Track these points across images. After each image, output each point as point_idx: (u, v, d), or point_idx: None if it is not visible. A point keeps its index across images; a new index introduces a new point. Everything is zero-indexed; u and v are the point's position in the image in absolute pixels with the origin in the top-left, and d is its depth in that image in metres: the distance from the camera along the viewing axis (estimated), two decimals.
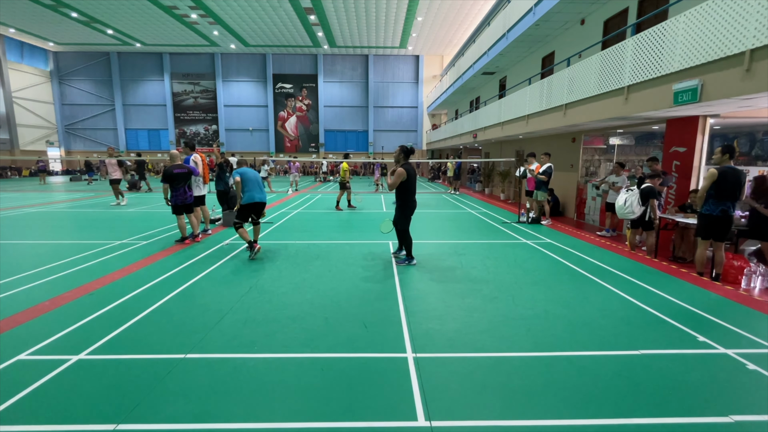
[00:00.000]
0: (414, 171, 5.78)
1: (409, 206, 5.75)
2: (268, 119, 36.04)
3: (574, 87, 9.07)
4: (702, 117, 6.87)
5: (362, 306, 4.28)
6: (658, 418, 2.44)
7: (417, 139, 36.57)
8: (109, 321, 3.80)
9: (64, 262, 5.87)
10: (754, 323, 3.89)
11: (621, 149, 9.98)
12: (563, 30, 12.49)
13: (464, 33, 28.28)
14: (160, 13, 25.36)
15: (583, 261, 6.24)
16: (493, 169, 18.97)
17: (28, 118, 32.18)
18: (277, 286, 4.89)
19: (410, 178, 5.63)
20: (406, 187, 5.67)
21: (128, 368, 2.98)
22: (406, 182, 5.63)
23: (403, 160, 5.73)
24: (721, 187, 5.11)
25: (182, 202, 6.99)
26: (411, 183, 5.67)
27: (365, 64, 35.37)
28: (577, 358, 3.18)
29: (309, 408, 2.53)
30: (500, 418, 2.45)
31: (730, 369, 3.04)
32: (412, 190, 5.73)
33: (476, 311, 4.17)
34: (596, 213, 10.00)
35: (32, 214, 10.71)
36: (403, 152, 5.73)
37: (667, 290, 4.85)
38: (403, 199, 5.74)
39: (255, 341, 3.42)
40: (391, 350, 3.29)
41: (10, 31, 28.93)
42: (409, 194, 5.72)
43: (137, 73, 35.15)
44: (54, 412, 2.47)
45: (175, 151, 7.17)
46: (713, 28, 5.31)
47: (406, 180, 5.61)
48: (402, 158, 5.73)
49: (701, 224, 5.41)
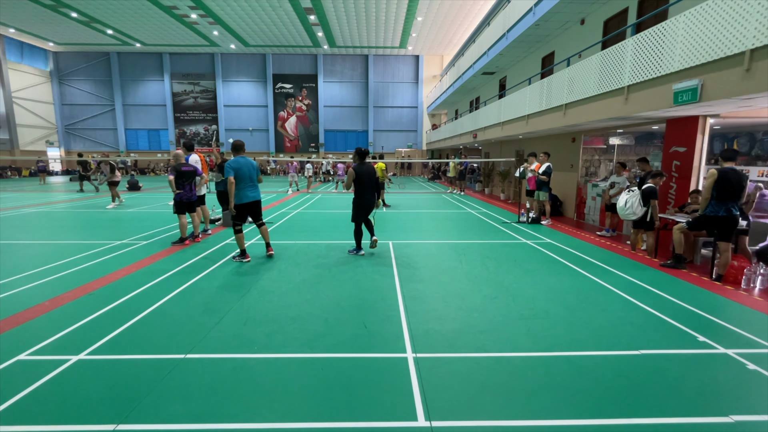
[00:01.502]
0: (367, 172, 6.25)
1: (360, 203, 6.29)
2: (268, 119, 36.03)
3: (574, 87, 9.07)
4: (702, 117, 6.86)
5: (362, 306, 4.28)
6: (658, 418, 2.44)
7: (417, 139, 36.56)
8: (109, 321, 3.80)
9: (64, 262, 5.87)
10: (754, 323, 3.89)
11: (621, 149, 9.98)
12: (563, 30, 12.49)
13: (464, 33, 28.27)
14: (160, 13, 25.35)
15: (583, 261, 6.24)
16: (493, 169, 18.96)
17: (28, 118, 32.17)
18: (277, 287, 4.89)
19: (360, 177, 6.15)
20: (357, 186, 6.22)
21: (128, 368, 2.98)
22: (357, 182, 6.18)
23: (357, 160, 6.31)
24: (722, 187, 5.11)
25: (187, 199, 7.05)
26: (362, 182, 6.18)
27: (365, 64, 35.35)
28: (577, 358, 3.18)
29: (309, 408, 2.53)
30: (500, 418, 2.45)
31: (730, 369, 3.04)
32: (365, 189, 6.23)
33: (476, 311, 4.17)
34: (596, 213, 9.99)
35: (32, 214, 10.71)
36: (357, 153, 6.33)
37: (667, 290, 4.85)
38: (356, 196, 6.30)
39: (255, 341, 3.42)
40: (391, 350, 3.29)
41: (10, 31, 28.92)
42: (361, 193, 6.25)
43: (137, 73, 35.13)
44: (54, 412, 2.47)
45: (179, 151, 7.20)
46: (713, 28, 5.30)
47: (356, 179, 6.16)
48: (356, 159, 6.33)
49: (706, 225, 5.39)
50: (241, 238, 6.01)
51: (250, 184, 5.96)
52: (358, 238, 6.51)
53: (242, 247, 6.07)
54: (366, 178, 6.22)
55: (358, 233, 6.48)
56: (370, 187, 6.27)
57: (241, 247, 6.06)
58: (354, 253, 6.52)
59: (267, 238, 6.35)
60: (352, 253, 6.55)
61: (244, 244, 6.09)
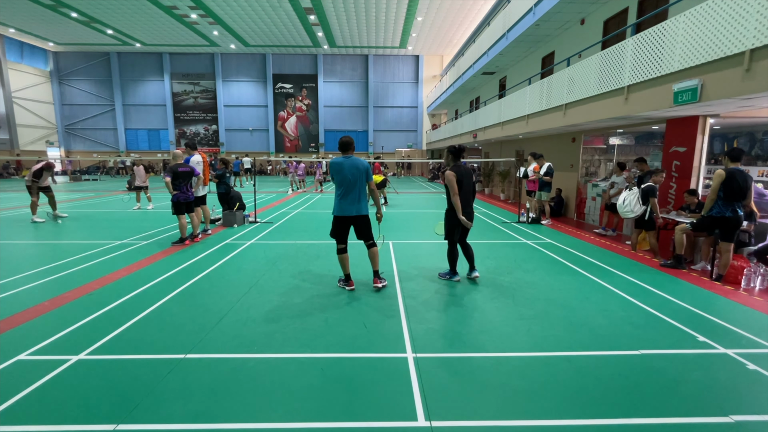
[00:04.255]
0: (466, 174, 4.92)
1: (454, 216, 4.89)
2: (268, 119, 36.02)
3: (574, 87, 9.07)
4: (702, 117, 6.86)
5: (362, 306, 4.28)
6: (658, 418, 2.44)
7: (417, 139, 36.54)
8: (109, 321, 3.80)
9: (64, 262, 5.87)
10: (754, 323, 3.89)
11: (621, 149, 9.99)
12: (563, 30, 12.48)
13: (464, 33, 28.26)
14: (160, 13, 25.34)
15: (583, 261, 6.24)
16: (493, 169, 18.96)
17: (28, 118, 32.15)
18: (277, 287, 4.89)
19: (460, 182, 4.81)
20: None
21: (128, 368, 2.98)
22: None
23: (451, 162, 4.97)
24: (729, 187, 5.10)
25: (185, 199, 7.06)
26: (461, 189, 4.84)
27: (365, 64, 35.34)
28: (577, 358, 3.18)
29: (309, 408, 2.53)
30: (500, 418, 2.44)
31: (730, 369, 3.04)
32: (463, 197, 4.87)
33: (476, 311, 4.17)
34: (596, 213, 10.00)
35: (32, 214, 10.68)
36: (450, 153, 4.98)
37: (667, 290, 4.85)
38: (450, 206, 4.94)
39: (255, 341, 3.42)
40: (391, 350, 3.29)
41: (10, 31, 28.90)
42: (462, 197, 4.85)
43: (137, 73, 35.11)
44: (54, 412, 2.47)
45: (178, 151, 7.22)
46: (713, 28, 5.30)
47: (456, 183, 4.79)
48: (450, 160, 4.98)
49: (712, 226, 5.38)
50: (342, 259, 4.76)
51: (351, 191, 4.56)
52: (453, 260, 5.11)
53: (345, 270, 4.78)
54: (466, 182, 4.86)
55: (452, 254, 5.08)
56: (470, 194, 4.96)
57: (344, 270, 4.79)
58: (447, 279, 5.15)
59: (374, 264, 4.82)
60: (444, 277, 5.17)
61: (347, 267, 4.77)
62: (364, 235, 4.74)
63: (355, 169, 4.51)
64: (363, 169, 4.55)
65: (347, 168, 4.49)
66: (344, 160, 4.53)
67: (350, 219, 4.64)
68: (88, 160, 34.96)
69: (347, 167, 4.50)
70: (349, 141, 4.63)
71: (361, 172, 4.54)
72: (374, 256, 4.77)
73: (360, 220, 4.66)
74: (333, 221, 4.71)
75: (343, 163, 4.51)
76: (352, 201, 4.56)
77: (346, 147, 4.61)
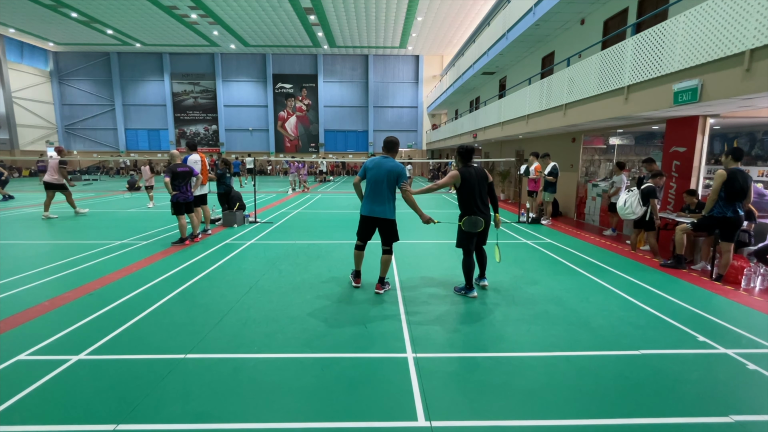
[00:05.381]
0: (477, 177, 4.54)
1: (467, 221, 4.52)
2: (268, 119, 36.02)
3: (574, 87, 9.07)
4: (702, 117, 6.86)
5: (362, 306, 4.28)
6: (658, 418, 2.44)
7: (417, 139, 36.54)
8: (109, 321, 3.80)
9: (64, 262, 5.87)
10: (754, 323, 3.89)
11: (621, 149, 9.98)
12: (563, 30, 12.48)
13: (464, 33, 28.25)
14: (160, 13, 25.34)
15: (583, 261, 6.24)
16: (492, 169, 18.96)
17: (28, 118, 32.15)
18: (277, 286, 4.89)
19: (467, 183, 4.49)
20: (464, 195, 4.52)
21: (128, 368, 2.98)
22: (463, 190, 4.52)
23: (460, 163, 4.63)
24: (731, 188, 5.10)
25: (184, 200, 7.05)
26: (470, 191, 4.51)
27: (365, 64, 35.34)
28: (577, 358, 3.18)
29: (309, 408, 2.53)
30: (500, 418, 2.44)
31: (730, 369, 3.04)
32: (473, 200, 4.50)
33: (476, 311, 4.17)
34: (596, 213, 9.99)
35: (32, 214, 10.71)
36: (459, 154, 4.63)
37: (667, 290, 4.85)
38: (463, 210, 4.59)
39: (255, 341, 3.42)
40: (391, 350, 3.29)
41: (10, 31, 28.91)
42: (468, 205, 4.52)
43: (137, 73, 35.11)
44: (54, 412, 2.47)
45: (176, 151, 7.23)
46: (713, 28, 5.30)
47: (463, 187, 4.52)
48: (459, 161, 4.65)
49: (713, 226, 5.38)
50: (357, 255, 4.79)
51: (375, 192, 4.48)
52: (468, 272, 4.56)
53: (357, 266, 4.86)
54: (476, 184, 4.46)
55: (468, 265, 4.56)
56: (481, 197, 4.50)
57: (356, 266, 4.86)
58: (463, 293, 4.66)
59: (382, 270, 4.69)
60: (459, 292, 4.70)
61: (359, 264, 4.83)
62: (383, 240, 4.65)
63: (381, 170, 4.44)
64: (387, 171, 4.43)
65: (375, 168, 4.47)
66: (379, 159, 4.52)
67: (373, 220, 4.56)
68: (88, 160, 34.98)
69: (375, 167, 4.47)
70: (393, 141, 4.60)
71: (385, 174, 4.43)
72: (385, 263, 4.65)
73: (383, 223, 4.55)
74: (359, 219, 4.71)
75: (375, 162, 4.50)
76: (375, 202, 4.49)
77: (388, 147, 4.63)
